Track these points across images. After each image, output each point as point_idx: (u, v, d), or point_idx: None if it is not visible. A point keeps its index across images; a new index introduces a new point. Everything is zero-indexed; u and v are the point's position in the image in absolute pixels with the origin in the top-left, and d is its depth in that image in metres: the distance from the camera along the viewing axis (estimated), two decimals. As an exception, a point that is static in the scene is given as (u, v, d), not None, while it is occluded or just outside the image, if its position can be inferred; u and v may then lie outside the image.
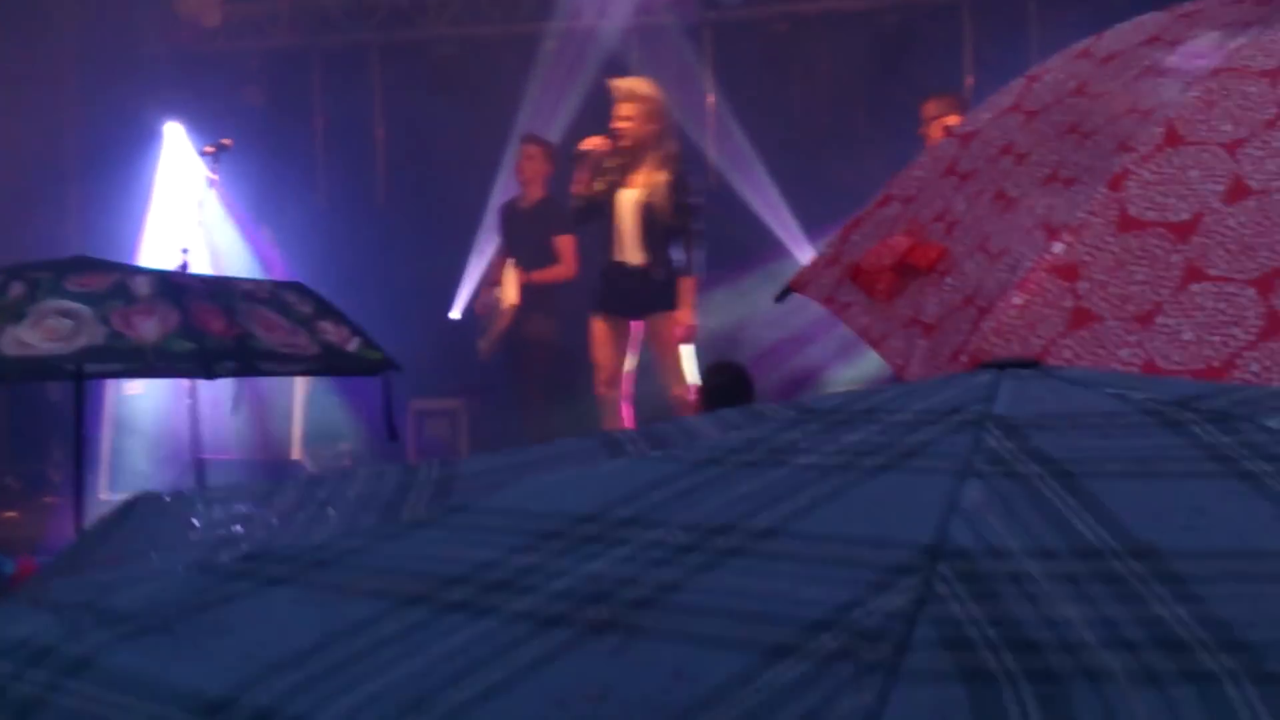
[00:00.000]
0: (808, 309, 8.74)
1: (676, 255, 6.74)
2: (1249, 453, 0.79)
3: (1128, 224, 2.04)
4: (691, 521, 0.78)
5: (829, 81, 8.84)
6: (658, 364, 6.86)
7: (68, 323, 3.40)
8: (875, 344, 2.46)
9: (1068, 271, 2.06)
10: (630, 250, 6.74)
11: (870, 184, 7.24)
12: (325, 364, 3.80)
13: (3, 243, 7.29)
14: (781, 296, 2.86)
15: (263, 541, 0.87)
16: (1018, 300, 2.08)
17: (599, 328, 6.86)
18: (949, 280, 2.32)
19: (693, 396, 6.33)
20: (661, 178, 6.74)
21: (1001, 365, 0.94)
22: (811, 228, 8.39)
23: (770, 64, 8.80)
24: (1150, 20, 2.34)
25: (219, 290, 3.67)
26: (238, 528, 0.94)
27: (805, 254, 8.47)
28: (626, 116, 6.78)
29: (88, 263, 3.76)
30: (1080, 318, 2.03)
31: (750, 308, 8.66)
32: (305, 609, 0.78)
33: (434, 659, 0.72)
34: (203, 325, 3.49)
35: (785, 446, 0.85)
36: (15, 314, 3.39)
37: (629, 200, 6.73)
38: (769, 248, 8.51)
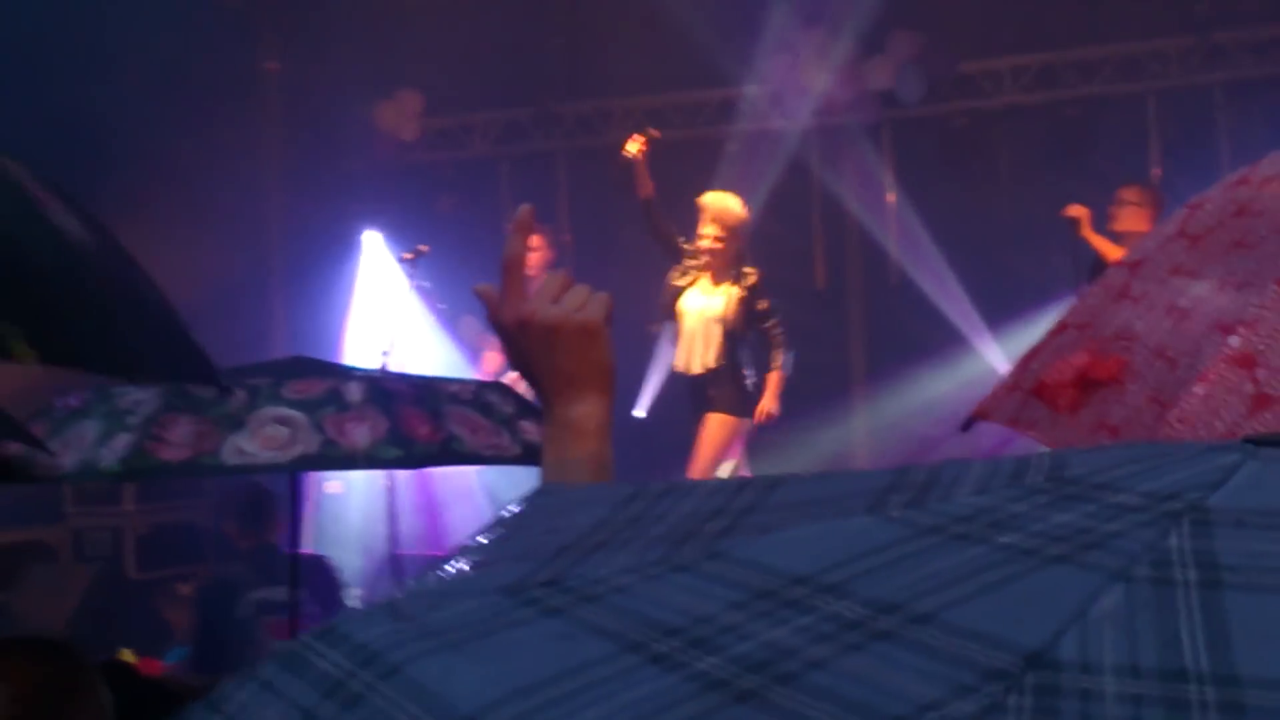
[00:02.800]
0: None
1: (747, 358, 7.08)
2: None
3: None
4: (874, 596, 0.79)
5: (1010, 175, 8.84)
6: (697, 459, 7.07)
7: (284, 431, 3.60)
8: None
9: (1245, 361, 2.15)
10: (691, 357, 7.06)
11: (1052, 278, 7.26)
12: (527, 463, 3.94)
13: (214, 345, 7.67)
14: (967, 426, 2.97)
15: (566, 566, 0.90)
16: (1199, 390, 2.18)
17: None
18: (1131, 387, 2.43)
19: None
20: (735, 292, 7.05)
21: (1266, 441, 0.88)
22: (993, 321, 8.37)
23: (950, 160, 8.83)
24: None
25: (426, 393, 3.84)
26: (572, 538, 0.97)
27: (987, 347, 8.44)
28: (716, 237, 7.02)
29: (304, 365, 3.97)
30: (1261, 402, 2.12)
31: (932, 402, 8.63)
32: (558, 644, 0.82)
33: (611, 710, 0.75)
34: (410, 431, 3.66)
35: (1003, 521, 0.83)
36: (236, 423, 3.59)
37: (698, 310, 7.05)
38: (952, 341, 8.50)
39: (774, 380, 7.12)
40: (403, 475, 6.96)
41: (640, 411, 8.46)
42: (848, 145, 8.87)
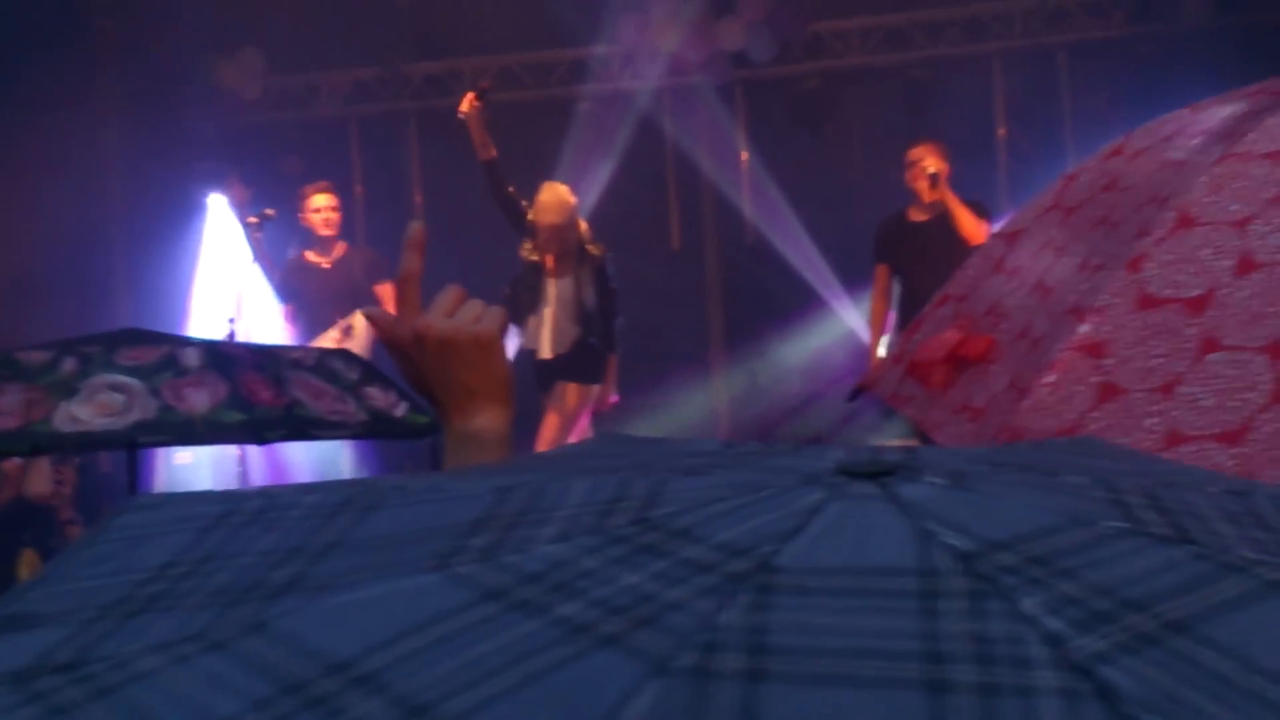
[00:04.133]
0: (844, 365, 8.73)
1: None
2: (969, 652, 0.71)
3: (1147, 302, 2.18)
4: (407, 692, 0.71)
5: (860, 136, 8.93)
6: (549, 424, 7.02)
7: (119, 397, 3.48)
8: (930, 432, 2.62)
9: (1094, 349, 2.20)
10: (554, 335, 6.99)
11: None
12: (373, 429, 3.86)
13: (53, 315, 7.43)
14: (852, 396, 3.04)
15: (92, 640, 0.81)
16: (1050, 379, 2.22)
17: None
18: (994, 368, 2.49)
19: None
20: (587, 270, 7.02)
21: (859, 473, 0.84)
22: (848, 279, 8.46)
23: (802, 120, 8.89)
24: (1172, 118, 2.55)
25: (267, 359, 3.74)
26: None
27: (842, 306, 8.53)
28: (552, 224, 6.97)
29: (139, 335, 3.84)
30: (1107, 391, 2.17)
31: (788, 361, 8.71)
32: None
33: None
34: (251, 395, 3.56)
35: (570, 583, 0.76)
36: (68, 390, 3.47)
37: (558, 289, 7.00)
38: (807, 300, 8.58)
39: (613, 364, 7.09)
40: (254, 448, 6.81)
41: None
42: (700, 105, 8.86)
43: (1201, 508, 0.91)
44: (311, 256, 7.70)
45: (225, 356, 3.68)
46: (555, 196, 7.09)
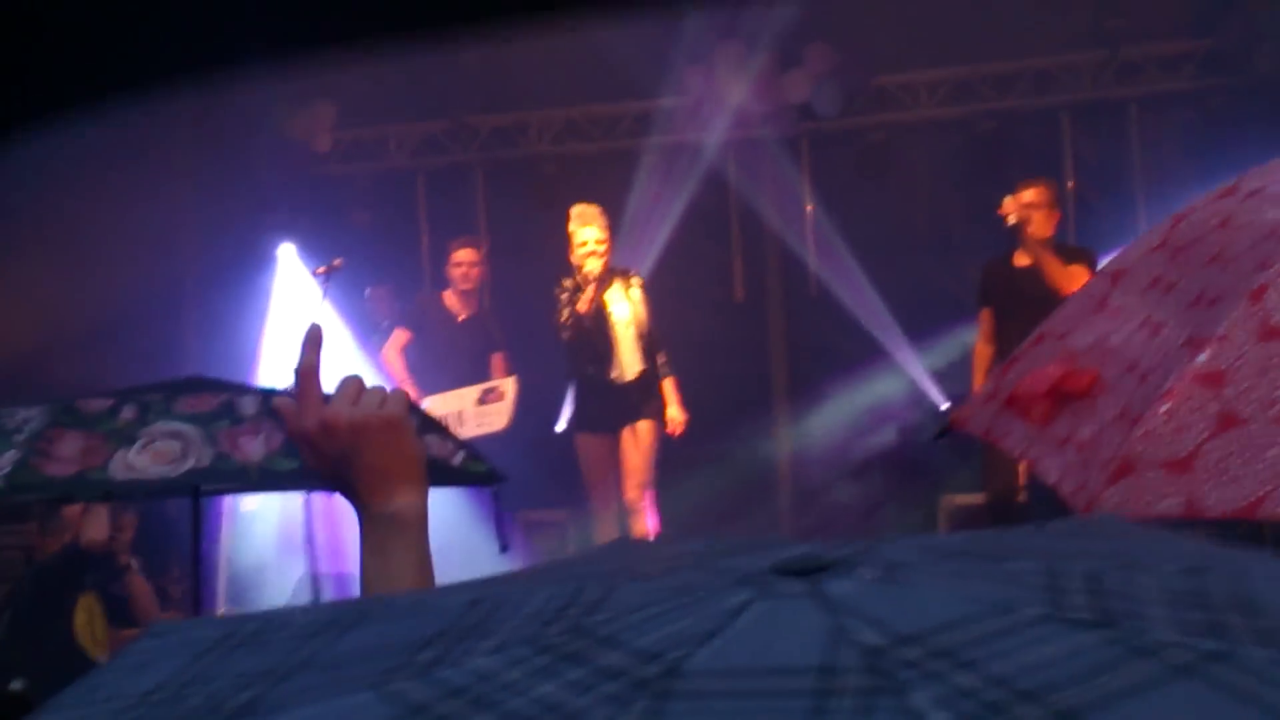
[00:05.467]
0: (909, 417, 8.63)
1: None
2: None
3: (1269, 333, 2.17)
4: None
5: (927, 188, 8.89)
6: (626, 465, 7.07)
7: (176, 445, 3.52)
8: (1033, 465, 2.63)
9: (1212, 379, 2.19)
10: (626, 365, 7.01)
11: (968, 290, 7.27)
12: (430, 477, 3.87)
13: (125, 365, 7.54)
14: (940, 434, 3.03)
15: None
16: (1165, 407, 2.21)
17: (587, 443, 7.13)
18: (1101, 400, 2.46)
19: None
20: (637, 295, 7.07)
21: (792, 570, 0.85)
22: (912, 332, 8.40)
23: (867, 172, 8.86)
24: None
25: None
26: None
27: (906, 358, 8.47)
28: (599, 240, 7.01)
29: (200, 383, 3.88)
30: (1226, 421, 2.15)
31: (853, 414, 8.65)
32: None
33: None
34: (306, 444, 3.59)
35: (487, 696, 0.77)
36: (126, 438, 3.50)
37: (619, 316, 7.01)
38: (872, 352, 8.52)
39: (673, 385, 7.11)
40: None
41: (561, 425, 8.42)
42: (765, 158, 8.87)
43: (1143, 589, 0.90)
44: (451, 302, 7.80)
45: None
46: (590, 208, 7.16)
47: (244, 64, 8.72)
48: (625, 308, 7.03)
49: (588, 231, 7.01)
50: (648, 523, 7.04)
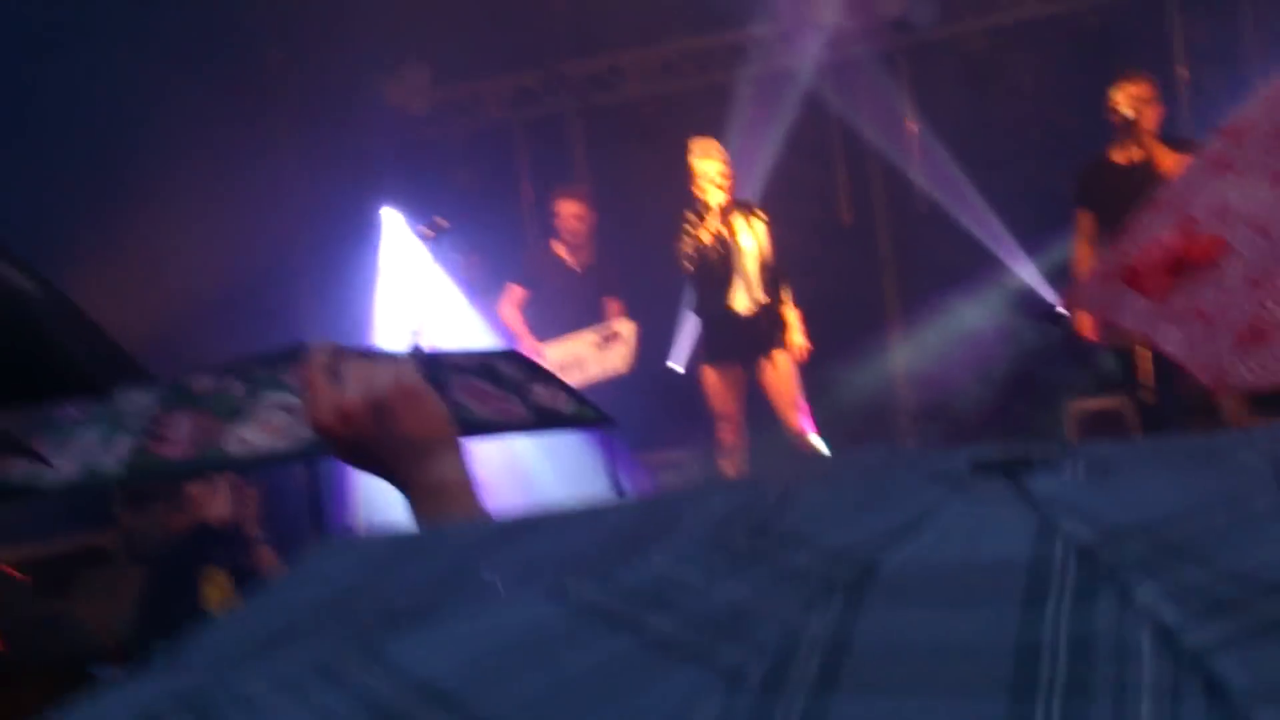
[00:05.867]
0: (1030, 326, 8.45)
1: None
2: (1067, 648, 0.68)
3: None
4: (492, 715, 0.71)
5: (1032, 91, 8.64)
6: (776, 397, 7.06)
7: (286, 416, 3.56)
8: (1156, 345, 2.49)
9: None
10: (751, 291, 6.99)
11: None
12: (540, 425, 3.87)
13: (236, 333, 7.68)
14: (1055, 319, 2.93)
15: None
16: None
17: (714, 377, 7.11)
18: (1226, 265, 2.32)
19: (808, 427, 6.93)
20: (759, 228, 7.04)
21: (991, 466, 0.79)
22: (1028, 240, 8.21)
23: (970, 81, 8.65)
24: None
25: (427, 366, 3.78)
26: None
27: (1023, 268, 8.28)
28: (723, 174, 7.02)
29: (304, 350, 3.89)
30: None
31: (972, 328, 8.50)
32: None
33: None
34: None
35: (667, 595, 0.74)
36: (237, 413, 3.55)
37: (743, 247, 6.98)
38: (986, 265, 8.35)
39: (798, 316, 7.11)
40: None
41: (677, 365, 8.40)
42: (863, 77, 8.70)
43: None
44: (562, 252, 7.83)
45: (385, 369, 3.72)
46: (709, 142, 7.18)
47: (336, 30, 8.78)
48: (749, 239, 7.01)
49: (709, 165, 7.02)
50: (817, 445, 7.03)
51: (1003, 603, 0.70)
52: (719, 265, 6.96)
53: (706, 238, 6.93)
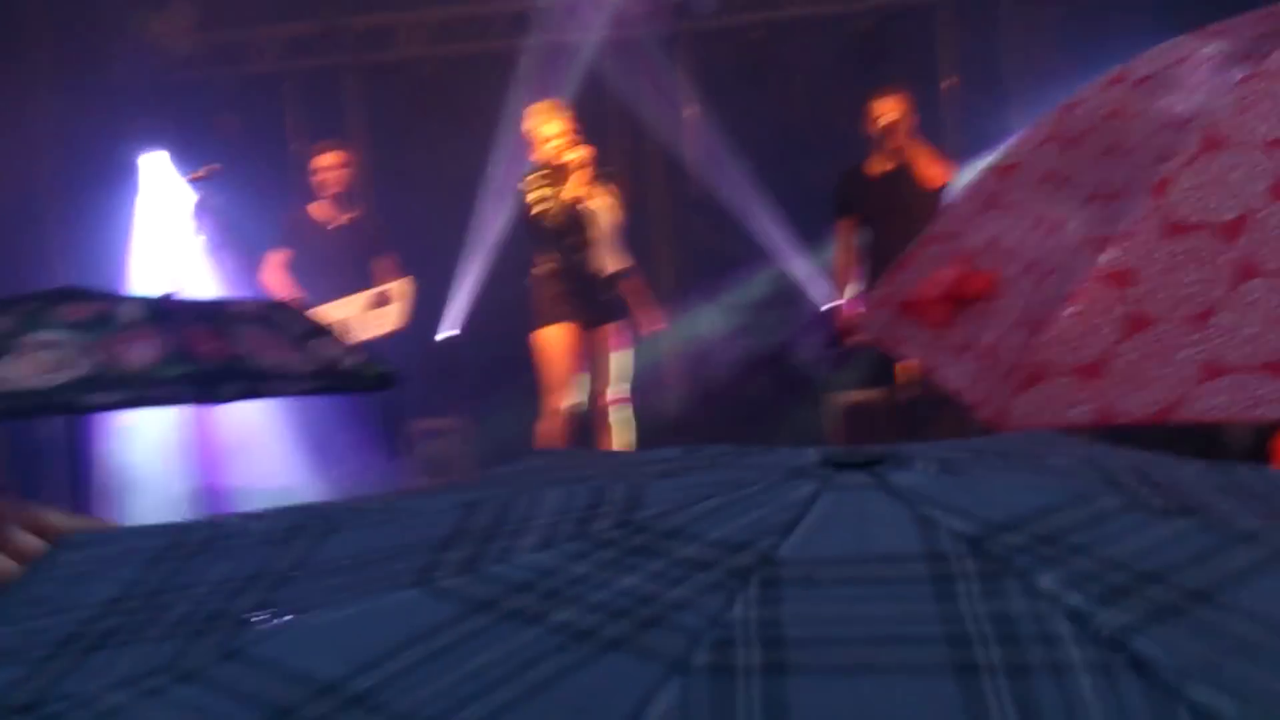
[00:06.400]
0: (795, 318, 8.69)
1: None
2: (994, 632, 0.70)
3: (1174, 229, 2.09)
4: (406, 710, 0.70)
5: (806, 86, 8.86)
6: (597, 369, 6.98)
7: (53, 354, 3.35)
8: (931, 373, 2.55)
9: (1118, 279, 2.12)
10: (605, 259, 6.87)
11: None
12: (324, 382, 3.75)
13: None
14: (831, 344, 2.98)
15: (55, 677, 0.79)
16: (1072, 310, 2.14)
17: (556, 335, 6.92)
18: (1001, 303, 2.39)
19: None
20: (615, 188, 6.94)
21: (846, 463, 0.83)
22: (795, 232, 8.40)
23: (747, 71, 8.80)
24: (1183, 41, 2.44)
25: (209, 312, 3.63)
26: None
27: (789, 260, 8.47)
28: (569, 130, 6.89)
29: (77, 293, 3.70)
30: (1136, 322, 2.09)
31: (738, 315, 8.66)
32: None
33: None
34: (194, 348, 3.44)
35: (561, 589, 0.74)
36: (1, 348, 3.34)
37: (598, 210, 6.85)
38: (755, 254, 8.52)
39: (642, 288, 7.08)
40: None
41: (452, 330, 8.31)
42: (644, 58, 8.75)
43: (1192, 483, 0.90)
44: (318, 213, 7.54)
45: (167, 311, 3.56)
46: (548, 104, 7.07)
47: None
48: (602, 202, 6.87)
49: (550, 127, 6.87)
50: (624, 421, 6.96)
51: (914, 590, 0.74)
52: (572, 226, 6.79)
53: (567, 193, 6.74)
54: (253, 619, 0.78)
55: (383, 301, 7.35)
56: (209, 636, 0.78)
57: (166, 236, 7.89)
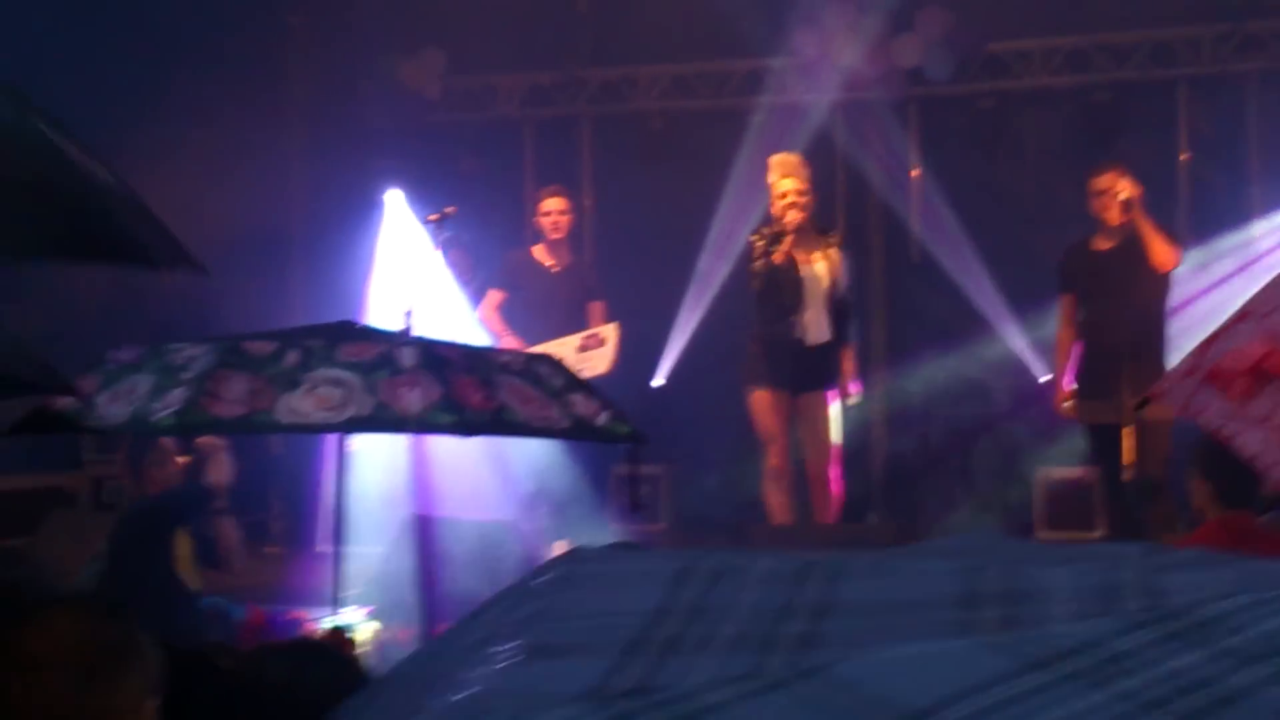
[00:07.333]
0: (1008, 389, 8.60)
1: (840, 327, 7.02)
2: None
3: None
4: None
5: (1035, 158, 8.82)
6: (804, 436, 7.02)
7: (338, 392, 3.60)
8: (1228, 441, 2.62)
9: None
10: (814, 326, 6.89)
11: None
12: (575, 434, 3.94)
13: (237, 304, 7.67)
14: (1139, 406, 3.07)
15: (646, 670, 0.86)
16: None
17: (765, 400, 6.98)
18: None
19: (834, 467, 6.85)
20: (834, 254, 6.96)
21: None
22: (1015, 303, 8.35)
23: (976, 139, 8.80)
24: None
25: (478, 362, 3.84)
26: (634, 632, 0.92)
27: (1007, 329, 8.42)
28: (799, 191, 6.91)
29: (358, 330, 3.97)
30: None
31: (952, 382, 8.64)
32: None
33: None
34: (463, 399, 3.65)
35: (1116, 658, 0.79)
36: (291, 382, 3.59)
37: (814, 274, 6.89)
38: (972, 323, 8.49)
39: (851, 356, 7.08)
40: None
41: (659, 380, 8.48)
42: (873, 121, 8.83)
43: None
44: (540, 256, 7.79)
45: (439, 358, 3.78)
46: (791, 158, 7.10)
47: (357, 8, 8.79)
48: (821, 266, 6.92)
49: (787, 183, 6.92)
50: (832, 485, 6.98)
51: None
52: (788, 291, 6.86)
53: (777, 257, 6.78)
54: (806, 646, 0.85)
55: (594, 344, 7.52)
56: (775, 654, 0.85)
57: (405, 269, 8.23)
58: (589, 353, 7.53)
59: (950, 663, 0.80)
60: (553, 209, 7.73)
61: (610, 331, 7.56)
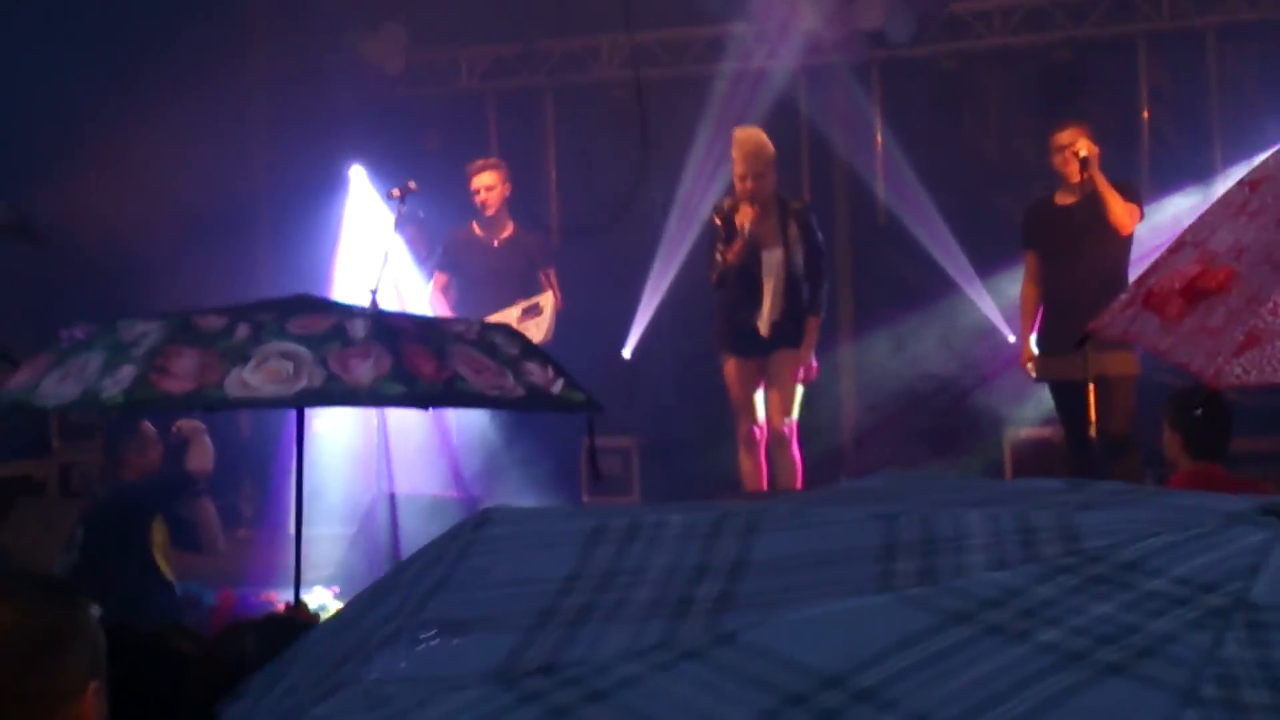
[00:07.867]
0: (976, 350, 8.65)
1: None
2: None
3: None
4: (919, 710, 0.74)
5: (998, 118, 8.83)
6: (771, 399, 7.00)
7: (288, 365, 3.59)
8: (1165, 355, 2.72)
9: None
10: (770, 310, 6.90)
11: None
12: (529, 403, 3.95)
13: (201, 280, 7.65)
14: (1080, 343, 3.16)
15: (556, 645, 0.84)
16: None
17: (735, 368, 7.01)
18: (1234, 291, 2.54)
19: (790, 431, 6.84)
20: (794, 231, 6.93)
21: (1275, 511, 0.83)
22: (981, 264, 8.37)
23: (939, 101, 8.81)
24: None
25: (430, 332, 3.84)
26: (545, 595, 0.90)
27: (975, 290, 8.44)
28: (758, 173, 6.89)
29: (309, 303, 3.96)
30: None
31: (919, 345, 8.66)
32: None
33: None
34: (414, 369, 3.65)
35: (1036, 610, 0.77)
36: (241, 356, 3.59)
37: (773, 263, 6.89)
38: (939, 284, 8.50)
39: (814, 327, 7.05)
40: (393, 413, 6.91)
41: (627, 351, 8.49)
42: (836, 85, 8.82)
43: None
44: (479, 231, 7.76)
45: (390, 329, 3.78)
46: (753, 133, 7.05)
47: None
48: (777, 255, 6.89)
49: (742, 165, 6.91)
50: (794, 453, 6.98)
51: None
52: (744, 287, 6.89)
53: (732, 259, 6.81)
54: (723, 609, 0.82)
55: (534, 314, 7.47)
56: (689, 620, 0.83)
57: (370, 245, 8.22)
58: (527, 322, 7.48)
59: (868, 622, 0.79)
60: (481, 185, 7.68)
61: (547, 301, 7.50)
